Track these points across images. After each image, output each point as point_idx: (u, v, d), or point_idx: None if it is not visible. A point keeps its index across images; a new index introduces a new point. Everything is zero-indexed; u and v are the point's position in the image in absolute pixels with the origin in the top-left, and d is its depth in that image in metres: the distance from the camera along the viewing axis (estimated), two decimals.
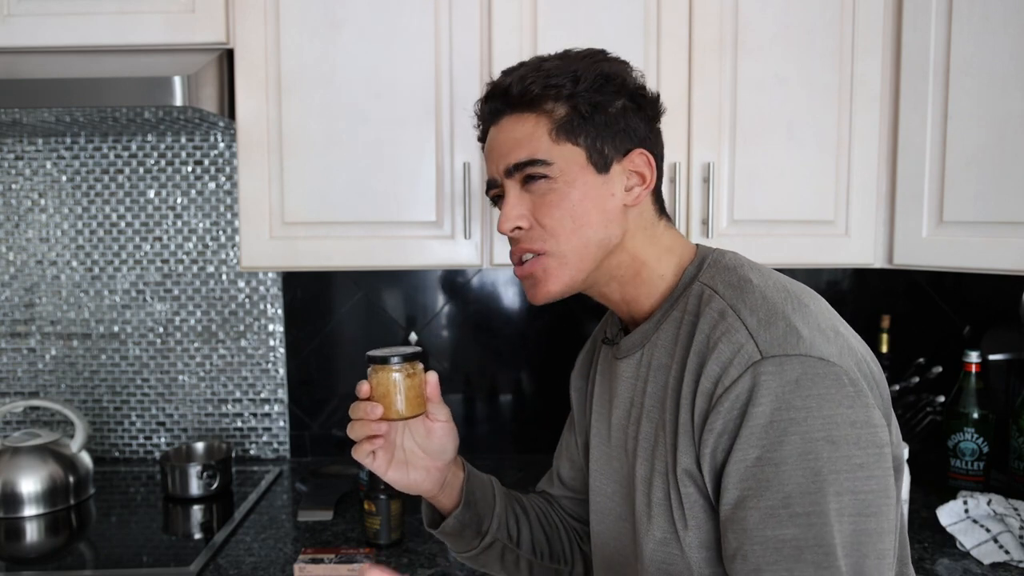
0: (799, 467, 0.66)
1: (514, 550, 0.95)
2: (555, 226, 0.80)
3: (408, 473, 0.85)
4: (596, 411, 0.92)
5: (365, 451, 0.81)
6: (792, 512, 0.66)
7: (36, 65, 1.36)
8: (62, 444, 1.59)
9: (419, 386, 0.81)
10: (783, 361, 0.68)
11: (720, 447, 0.70)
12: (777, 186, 1.43)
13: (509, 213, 0.81)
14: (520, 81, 0.80)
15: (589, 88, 0.79)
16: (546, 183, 0.80)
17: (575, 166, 0.80)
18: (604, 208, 0.80)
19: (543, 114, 0.80)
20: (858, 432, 0.67)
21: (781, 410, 0.67)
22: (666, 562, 0.77)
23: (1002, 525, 1.32)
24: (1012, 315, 1.66)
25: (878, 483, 0.67)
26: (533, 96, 0.79)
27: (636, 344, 0.84)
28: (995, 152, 1.31)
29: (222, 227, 1.79)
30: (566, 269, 0.81)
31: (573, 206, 0.79)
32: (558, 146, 0.79)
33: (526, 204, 0.81)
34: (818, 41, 1.40)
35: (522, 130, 0.81)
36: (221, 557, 1.33)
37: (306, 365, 1.82)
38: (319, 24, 1.40)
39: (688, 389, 0.73)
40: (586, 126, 0.79)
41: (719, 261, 0.82)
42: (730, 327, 0.72)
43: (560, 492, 1.05)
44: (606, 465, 0.89)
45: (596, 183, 0.80)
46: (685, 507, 0.74)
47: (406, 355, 0.80)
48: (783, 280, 0.78)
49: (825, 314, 0.75)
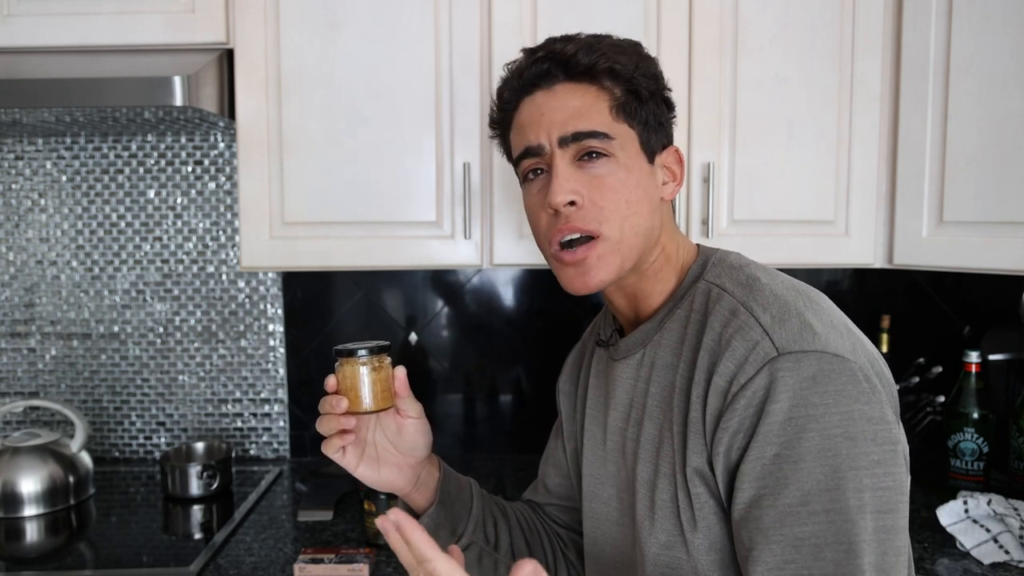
0: (818, 464, 0.65)
1: (492, 554, 0.93)
2: (612, 209, 0.77)
3: (379, 470, 0.84)
4: (590, 415, 0.91)
5: (335, 446, 0.80)
6: (811, 510, 0.65)
7: (36, 65, 1.36)
8: (62, 444, 1.59)
9: (386, 380, 0.79)
10: (800, 357, 0.67)
11: (736, 446, 0.69)
12: (777, 186, 1.43)
13: (563, 184, 0.76)
14: (588, 51, 0.77)
15: (646, 73, 0.79)
16: (605, 162, 0.77)
17: (632, 149, 0.79)
18: (651, 198, 0.80)
19: (602, 89, 0.78)
20: (875, 428, 0.66)
21: (799, 406, 0.66)
22: (670, 566, 0.75)
23: (1002, 525, 1.32)
24: (1012, 315, 1.66)
25: (894, 480, 0.66)
26: (599, 69, 0.77)
27: (637, 344, 0.83)
28: (995, 152, 1.31)
29: (222, 227, 1.79)
30: (618, 256, 0.77)
31: (630, 191, 0.77)
32: (617, 124, 0.78)
33: (581, 181, 0.77)
34: (818, 41, 1.40)
35: (582, 100, 0.77)
36: (221, 557, 1.33)
37: (306, 365, 1.82)
38: (319, 24, 1.40)
39: (699, 388, 0.72)
40: (642, 111, 0.78)
41: (724, 260, 0.81)
42: (743, 324, 0.71)
43: (546, 500, 1.03)
44: (601, 469, 0.87)
45: (648, 171, 0.80)
46: (695, 508, 0.73)
47: (373, 348, 0.78)
48: (790, 279, 0.78)
49: (835, 312, 0.75)
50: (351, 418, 0.79)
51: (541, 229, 0.81)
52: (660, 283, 0.82)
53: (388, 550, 1.35)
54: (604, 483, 0.87)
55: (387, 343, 0.81)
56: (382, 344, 0.80)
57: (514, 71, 0.82)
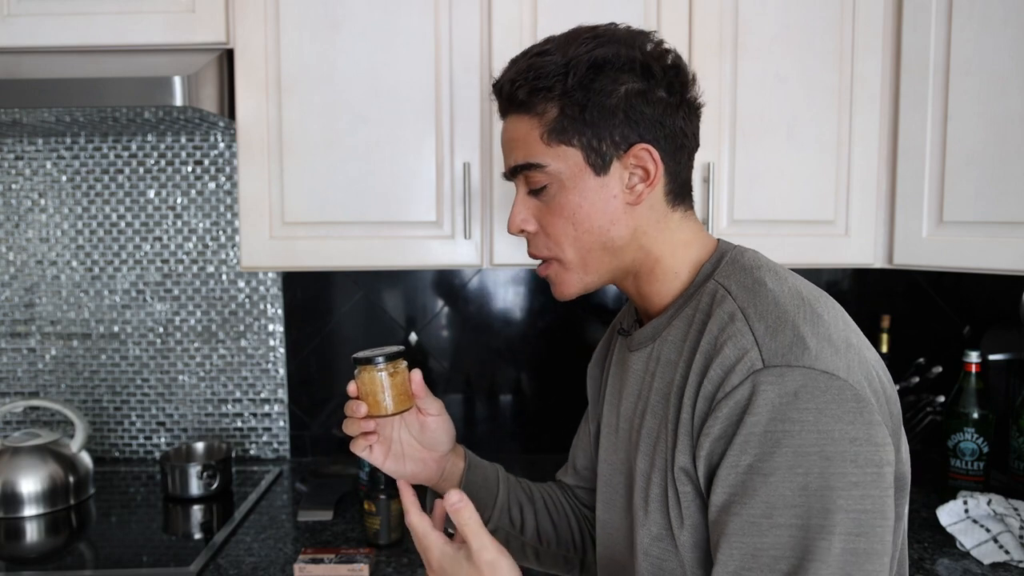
0: (787, 480, 0.65)
1: (518, 537, 0.96)
2: (558, 234, 0.80)
3: (405, 465, 0.89)
4: (608, 402, 0.92)
5: (362, 446, 0.86)
6: (774, 523, 0.65)
7: (36, 65, 1.36)
8: (62, 444, 1.59)
9: (403, 383, 0.84)
10: (784, 372, 0.67)
11: (716, 451, 0.69)
12: (777, 186, 1.43)
13: (514, 216, 0.83)
14: (510, 84, 0.78)
15: (580, 83, 0.75)
16: (546, 191, 0.80)
17: (572, 168, 0.78)
18: (605, 211, 0.78)
19: (535, 116, 0.78)
20: (856, 449, 0.65)
21: (776, 421, 0.66)
22: (660, 557, 0.77)
23: (1002, 525, 1.32)
24: (1012, 315, 1.66)
25: (873, 503, 0.65)
26: (521, 100, 0.78)
27: (648, 338, 0.83)
28: (995, 152, 1.31)
29: (222, 227, 1.79)
30: (575, 274, 0.82)
31: (573, 213, 0.79)
32: (552, 148, 0.77)
33: (532, 208, 0.82)
34: (818, 41, 1.40)
35: (518, 131, 0.80)
36: (221, 557, 1.33)
37: (306, 365, 1.82)
38: (319, 24, 1.40)
39: (691, 389, 0.73)
40: (578, 126, 0.76)
41: (738, 260, 0.80)
42: (737, 331, 0.71)
43: (574, 481, 1.05)
44: (613, 455, 0.89)
45: (595, 186, 0.78)
46: (682, 505, 0.74)
47: (388, 354, 0.83)
48: (800, 285, 0.76)
49: (838, 324, 0.73)
50: (370, 422, 0.85)
51: None
52: (664, 283, 0.82)
53: (388, 550, 1.35)
54: (615, 469, 0.88)
55: (402, 348, 0.86)
56: (397, 350, 0.85)
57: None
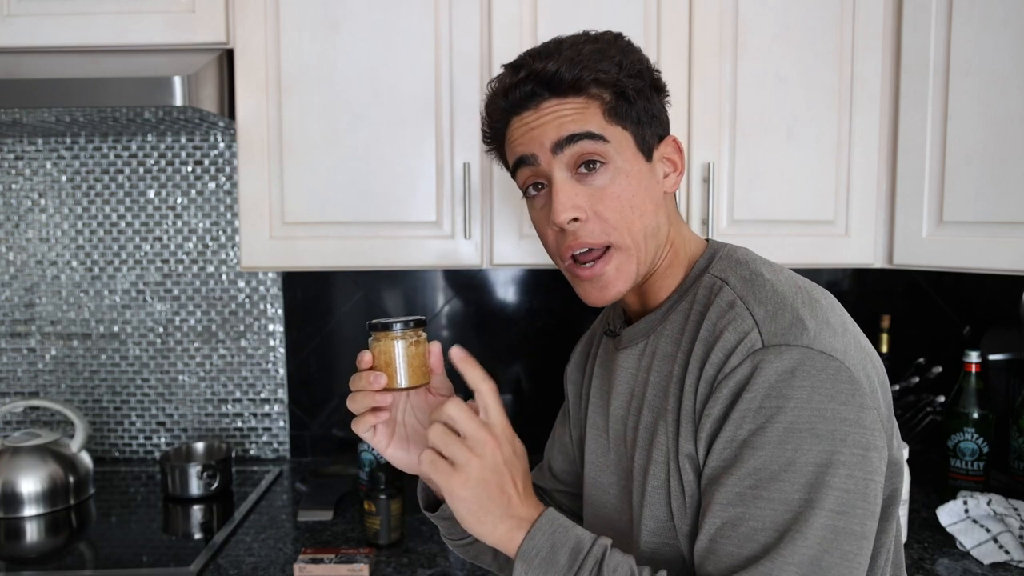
0: (775, 454, 0.66)
1: None
2: (617, 219, 0.77)
3: (409, 451, 0.82)
4: (593, 403, 0.92)
5: (367, 424, 0.77)
6: (757, 495, 0.67)
7: (36, 65, 1.36)
8: (62, 444, 1.59)
9: (423, 355, 0.76)
10: (783, 350, 0.68)
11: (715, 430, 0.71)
12: (777, 186, 1.43)
13: (565, 201, 0.76)
14: (571, 66, 0.76)
15: (631, 74, 0.78)
16: (604, 170, 0.77)
17: (628, 151, 0.78)
18: (655, 195, 0.80)
19: (592, 97, 0.77)
20: (847, 430, 0.67)
21: (771, 397, 0.67)
22: (660, 551, 0.77)
23: (1002, 525, 1.32)
24: (1012, 315, 1.65)
25: (856, 484, 0.66)
26: (584, 82, 0.76)
27: (639, 334, 0.84)
28: (995, 152, 1.31)
29: (222, 227, 1.79)
30: (633, 264, 0.78)
31: (632, 195, 0.77)
32: (610, 127, 0.77)
33: (582, 195, 0.77)
34: (818, 41, 1.40)
35: (571, 108, 0.77)
36: (221, 557, 1.33)
37: (306, 365, 1.82)
38: (319, 24, 1.40)
39: (692, 377, 0.74)
40: (632, 110, 0.78)
41: (731, 255, 0.82)
42: (737, 316, 0.72)
43: (552, 485, 1.05)
44: (603, 457, 0.89)
45: (647, 170, 0.79)
46: (686, 495, 0.74)
47: (409, 322, 0.75)
48: (795, 276, 0.79)
49: (836, 310, 0.75)
50: (387, 395, 0.76)
51: (550, 245, 0.82)
52: (669, 278, 0.83)
53: (388, 550, 1.35)
54: (605, 471, 0.88)
55: (423, 317, 0.78)
56: (419, 318, 0.76)
57: (499, 90, 0.81)
